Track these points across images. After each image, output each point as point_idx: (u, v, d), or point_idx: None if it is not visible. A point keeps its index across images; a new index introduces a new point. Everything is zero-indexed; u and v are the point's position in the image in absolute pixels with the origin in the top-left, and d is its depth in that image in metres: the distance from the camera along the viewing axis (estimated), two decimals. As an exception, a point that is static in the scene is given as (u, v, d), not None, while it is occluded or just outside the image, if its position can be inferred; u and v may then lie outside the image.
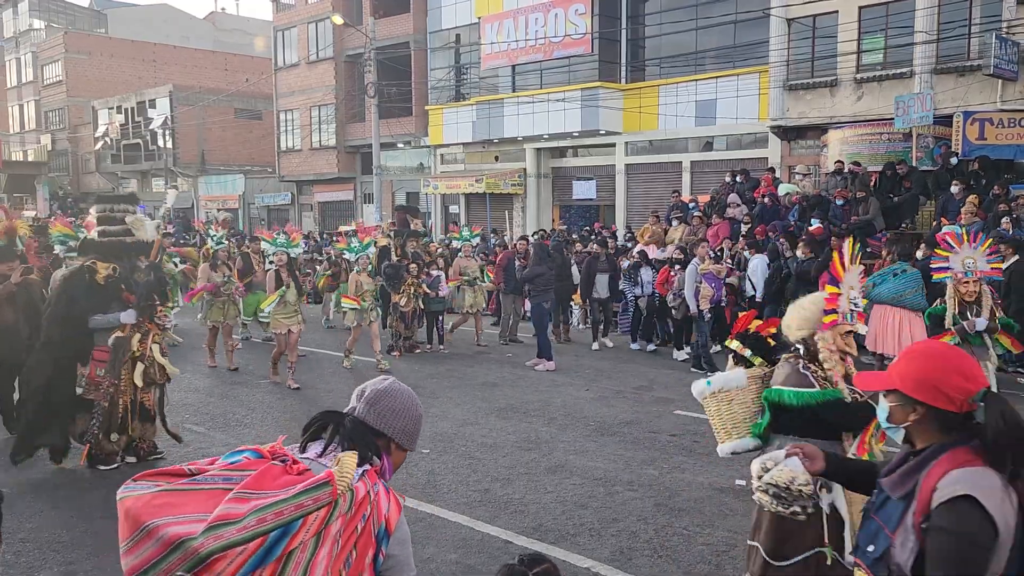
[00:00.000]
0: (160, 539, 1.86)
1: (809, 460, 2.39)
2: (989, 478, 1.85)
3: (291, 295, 10.02)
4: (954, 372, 1.96)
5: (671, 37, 21.40)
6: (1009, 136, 14.77)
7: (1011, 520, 1.82)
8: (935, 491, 1.86)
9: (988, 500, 1.80)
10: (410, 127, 28.17)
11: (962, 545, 1.79)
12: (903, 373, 2.02)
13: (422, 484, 6.38)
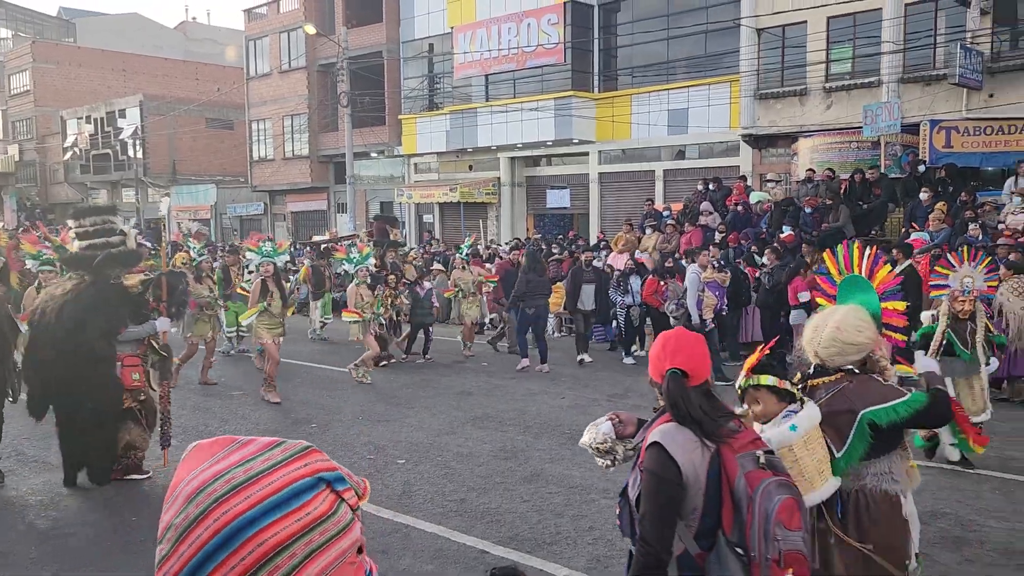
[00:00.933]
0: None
1: (623, 424, 2.78)
2: (681, 433, 2.34)
3: (276, 306, 9.83)
4: (667, 352, 2.45)
5: (643, 47, 21.57)
6: (975, 144, 15.05)
7: (700, 468, 2.27)
8: (647, 441, 2.39)
9: (672, 447, 2.29)
10: (383, 136, 28.09)
11: (652, 479, 2.31)
12: (653, 355, 2.52)
13: (397, 494, 6.33)
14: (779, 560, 2.19)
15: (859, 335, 3.22)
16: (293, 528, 1.51)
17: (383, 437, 8.09)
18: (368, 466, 7.03)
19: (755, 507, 2.21)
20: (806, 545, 2.25)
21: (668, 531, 2.29)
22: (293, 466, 2.24)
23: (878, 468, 3.22)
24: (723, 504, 2.27)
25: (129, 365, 6.71)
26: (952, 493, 6.16)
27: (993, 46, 15.64)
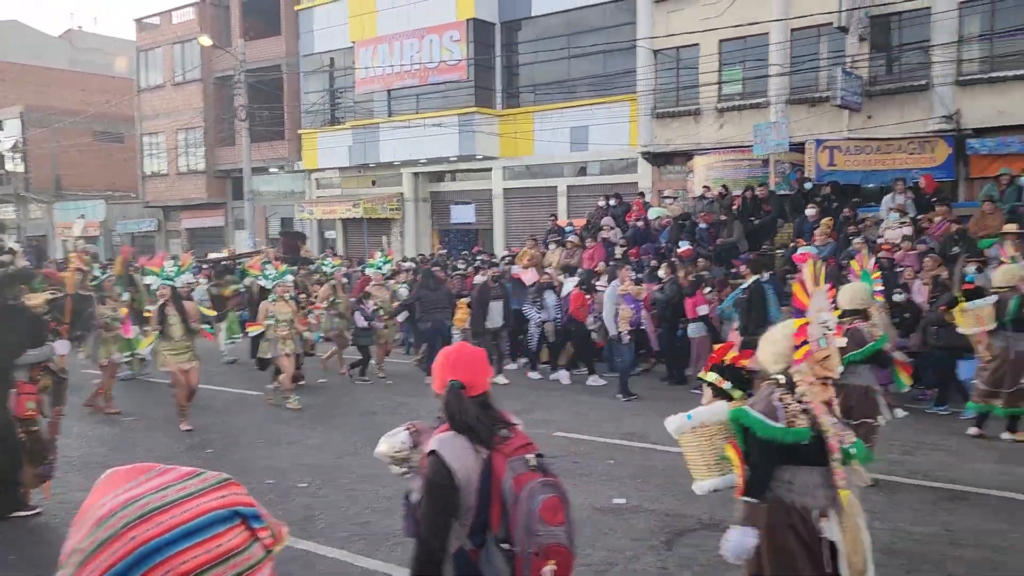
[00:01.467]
0: None
1: (419, 433, 2.88)
2: (457, 440, 2.52)
3: (176, 330, 9.29)
4: (448, 364, 2.66)
5: (544, 65, 21.91)
6: (856, 162, 15.92)
7: (473, 472, 2.47)
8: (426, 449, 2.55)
9: (447, 454, 2.47)
10: (283, 151, 27.47)
11: (429, 484, 2.50)
12: (436, 366, 2.69)
13: (299, 519, 6.12)
14: (539, 553, 2.38)
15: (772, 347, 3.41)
16: (203, 558, 1.45)
17: (284, 460, 7.84)
18: (268, 491, 6.79)
19: (520, 506, 2.41)
20: (568, 539, 2.43)
21: (443, 531, 2.49)
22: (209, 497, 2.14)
23: (779, 476, 3.30)
24: (492, 504, 2.47)
25: (24, 393, 6.24)
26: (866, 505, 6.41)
27: (871, 71, 16.63)
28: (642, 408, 10.10)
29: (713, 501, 6.27)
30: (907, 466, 7.22)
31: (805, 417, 3.24)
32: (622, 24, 20.28)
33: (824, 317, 3.34)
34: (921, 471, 7.00)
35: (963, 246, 11.99)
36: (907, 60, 16.74)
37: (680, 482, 6.84)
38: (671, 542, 5.54)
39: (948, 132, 15.63)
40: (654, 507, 6.25)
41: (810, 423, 3.24)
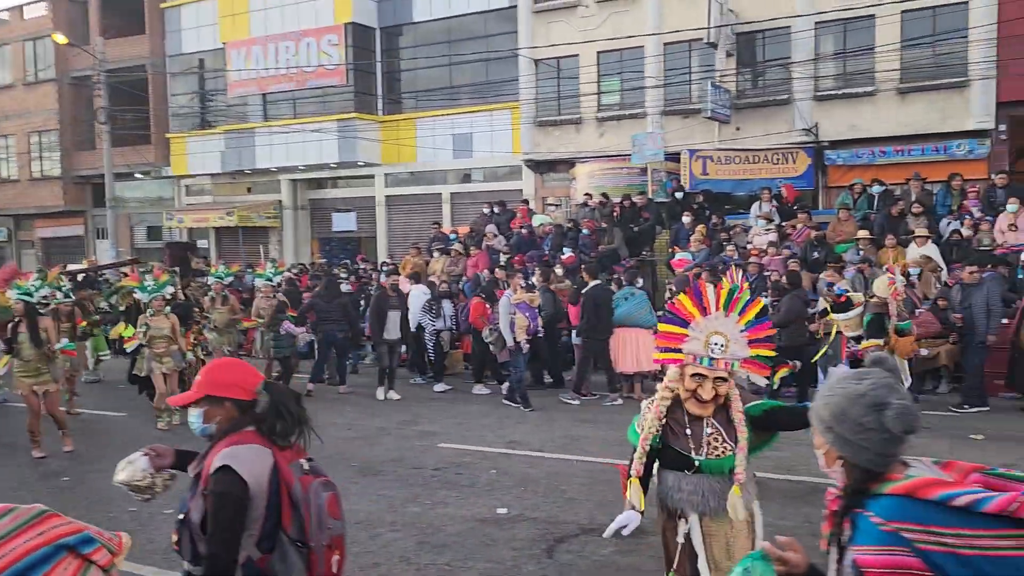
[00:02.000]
0: None
1: (160, 457, 2.85)
2: (248, 451, 2.54)
3: (26, 350, 8.59)
4: (245, 372, 2.71)
5: (426, 71, 21.76)
6: (726, 172, 16.62)
7: (263, 480, 2.50)
8: (211, 466, 2.52)
9: (240, 467, 2.48)
10: (149, 156, 26.06)
11: (222, 499, 2.47)
12: (211, 382, 2.66)
13: (163, 548, 5.72)
14: (330, 545, 2.60)
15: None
16: None
17: (148, 485, 7.33)
18: (130, 520, 6.31)
19: (311, 504, 2.58)
20: (344, 530, 2.70)
21: (236, 544, 2.52)
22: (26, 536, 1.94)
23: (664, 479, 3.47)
24: (283, 506, 2.57)
25: None
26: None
27: (738, 85, 17.42)
28: (524, 416, 10.10)
29: (593, 507, 6.33)
30: (773, 461, 7.51)
31: (658, 423, 3.37)
32: (503, 33, 20.41)
33: (716, 339, 3.31)
34: (785, 466, 7.28)
35: (822, 251, 12.71)
36: (771, 76, 17.64)
37: (561, 489, 6.87)
38: (551, 550, 5.51)
39: (808, 144, 16.56)
40: (535, 515, 6.22)
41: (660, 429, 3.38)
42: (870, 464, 1.82)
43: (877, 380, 1.85)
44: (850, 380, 1.89)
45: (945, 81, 15.64)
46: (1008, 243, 11.96)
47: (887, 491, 1.76)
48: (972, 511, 1.66)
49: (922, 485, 1.73)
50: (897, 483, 1.76)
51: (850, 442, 1.83)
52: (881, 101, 16.18)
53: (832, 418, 1.86)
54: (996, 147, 15.41)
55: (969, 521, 1.66)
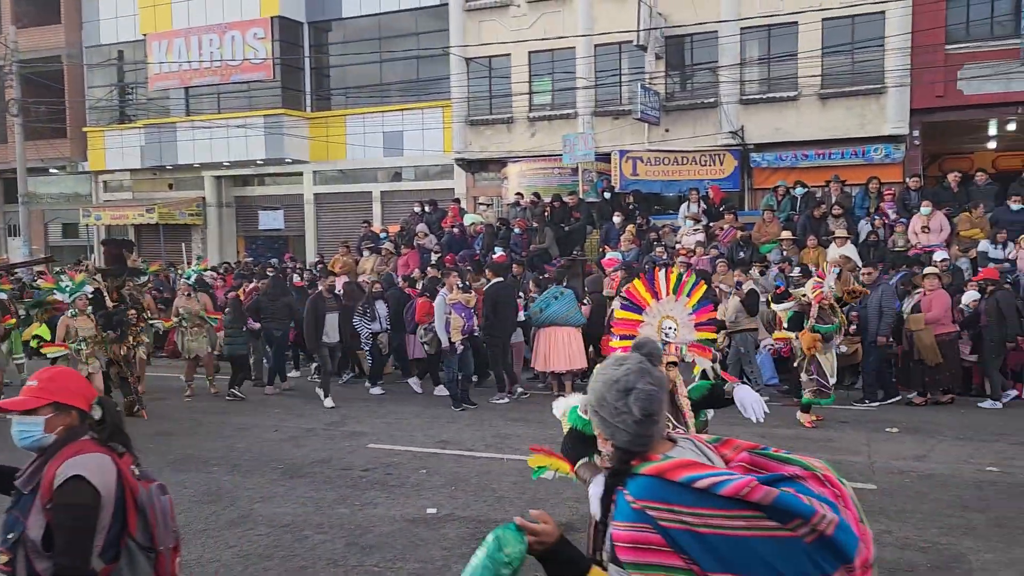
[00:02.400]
0: None
1: None
2: (95, 460, 2.52)
3: None
4: (83, 381, 2.72)
5: (356, 68, 21.45)
6: (656, 172, 16.87)
7: (112, 486, 2.50)
8: (55, 478, 2.46)
9: (92, 476, 2.46)
10: (65, 150, 24.96)
11: (74, 512, 2.43)
12: (60, 389, 2.60)
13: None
14: (176, 547, 2.69)
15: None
16: None
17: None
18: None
19: (155, 508, 2.61)
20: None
21: (90, 555, 2.48)
22: None
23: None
24: (128, 512, 2.57)
25: None
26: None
27: (667, 87, 17.70)
28: (454, 416, 10.03)
29: (524, 505, 6.30)
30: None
31: None
32: (435, 31, 20.27)
33: (668, 324, 3.34)
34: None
35: (747, 251, 13.01)
36: (699, 79, 17.98)
37: (492, 487, 6.83)
38: (484, 549, 5.46)
39: (734, 147, 16.94)
40: (465, 514, 6.16)
41: None
42: (628, 444, 1.91)
43: (631, 366, 1.96)
44: (611, 366, 1.99)
45: (863, 88, 16.21)
46: (921, 244, 12.46)
47: (641, 471, 1.86)
48: (711, 493, 1.77)
49: (671, 467, 1.83)
50: (651, 464, 1.86)
51: (610, 424, 1.92)
52: (803, 106, 16.68)
53: (595, 402, 1.96)
54: (910, 152, 16.05)
55: (708, 502, 1.76)
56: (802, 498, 1.78)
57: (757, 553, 1.75)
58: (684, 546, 1.77)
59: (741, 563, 1.75)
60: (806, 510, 1.75)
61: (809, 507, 1.76)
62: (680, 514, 1.78)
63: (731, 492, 1.76)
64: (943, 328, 10.05)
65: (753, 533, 1.76)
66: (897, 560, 5.10)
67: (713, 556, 1.76)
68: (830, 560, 1.76)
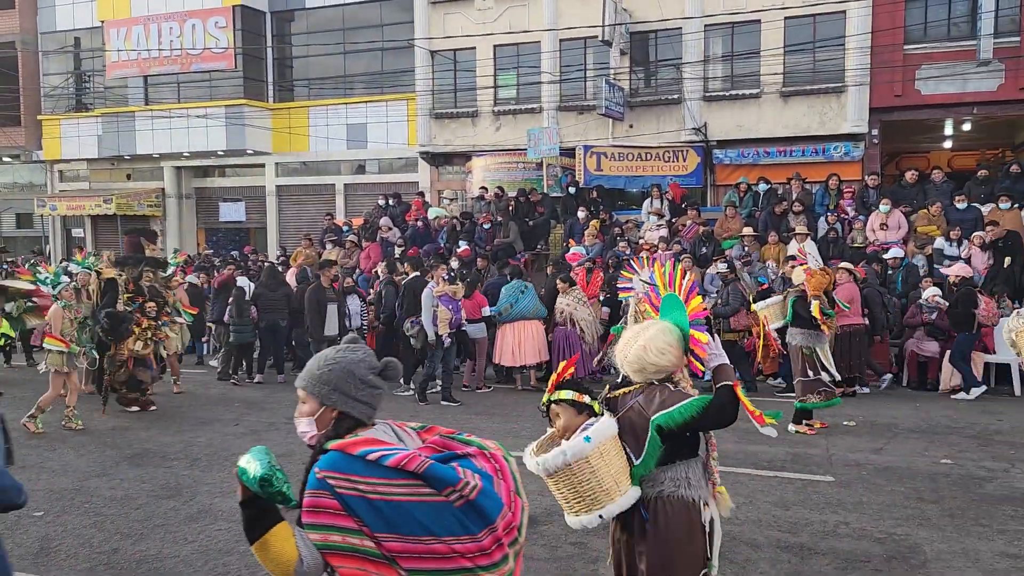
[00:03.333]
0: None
1: None
2: None
3: None
4: None
5: (320, 59, 21.22)
6: (620, 168, 16.97)
7: None
8: None
9: None
10: (19, 139, 24.36)
11: None
12: None
13: (33, 552, 5.36)
14: None
15: (661, 357, 3.15)
16: None
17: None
18: (-6, 524, 5.87)
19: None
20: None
21: None
22: None
23: (675, 474, 3.16)
24: None
25: None
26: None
27: (631, 83, 17.80)
28: (416, 410, 10.01)
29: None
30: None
31: None
32: (399, 23, 20.13)
33: None
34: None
35: (710, 247, 13.17)
36: (663, 75, 18.11)
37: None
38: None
39: (697, 143, 17.11)
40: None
41: None
42: (363, 415, 2.27)
43: (364, 349, 2.37)
44: (343, 352, 2.32)
45: (823, 86, 16.48)
46: (879, 241, 12.72)
47: (329, 447, 2.16)
48: (379, 464, 2.09)
49: (351, 443, 2.14)
50: (337, 441, 2.17)
51: (352, 398, 2.25)
52: (766, 103, 16.90)
53: (339, 380, 2.26)
54: (869, 150, 16.37)
55: (377, 472, 2.08)
56: (457, 469, 2.14)
57: (414, 516, 2.08)
58: (356, 510, 2.07)
59: (402, 524, 2.07)
60: (452, 477, 2.10)
61: (455, 475, 2.11)
62: (355, 483, 2.08)
63: (394, 463, 2.08)
64: (847, 319, 9.85)
65: (412, 498, 2.08)
66: (853, 550, 5.21)
67: (380, 518, 2.07)
68: (476, 521, 2.11)
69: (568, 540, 5.40)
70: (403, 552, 2.08)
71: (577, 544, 5.34)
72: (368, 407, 2.29)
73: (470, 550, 2.11)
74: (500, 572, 2.16)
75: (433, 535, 2.08)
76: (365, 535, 2.08)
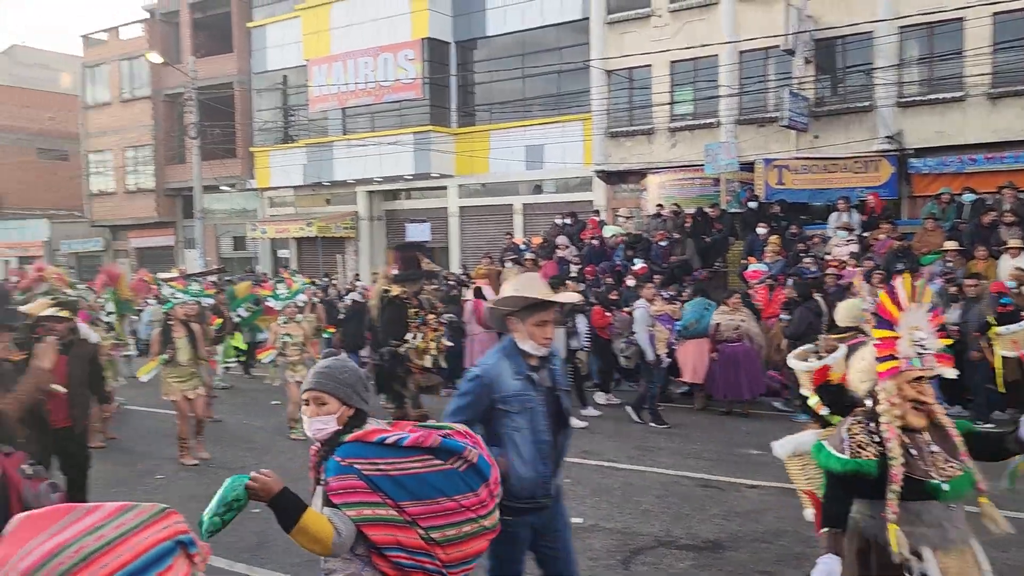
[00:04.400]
0: None
1: None
2: None
3: (184, 354, 8.58)
4: None
5: (499, 84, 22.03)
6: (804, 181, 16.29)
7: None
8: None
9: None
10: (235, 169, 27.11)
11: None
12: None
13: (252, 546, 5.98)
14: None
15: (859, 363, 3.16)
16: None
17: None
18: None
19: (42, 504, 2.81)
20: None
21: None
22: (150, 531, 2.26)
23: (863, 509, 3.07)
24: (11, 508, 2.90)
25: None
26: (793, 512, 6.49)
27: (817, 92, 17.07)
28: (597, 426, 10.11)
29: (669, 520, 6.32)
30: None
31: (873, 448, 2.93)
32: (575, 45, 20.52)
33: (919, 335, 2.97)
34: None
35: (906, 262, 12.32)
36: (851, 82, 17.22)
37: (636, 499, 6.88)
38: (628, 561, 5.54)
39: (891, 152, 16.09)
40: (610, 526, 6.25)
41: (878, 454, 2.92)
42: (369, 411, 2.72)
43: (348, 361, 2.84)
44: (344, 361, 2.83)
45: (1039, 85, 15.00)
46: (1108, 254, 11.38)
47: (346, 439, 2.61)
48: (397, 446, 2.58)
49: (367, 432, 2.61)
50: (352, 433, 2.62)
51: (363, 398, 2.71)
52: (971, 107, 15.61)
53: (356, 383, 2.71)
54: (1094, 154, 14.69)
55: (395, 453, 2.56)
56: (458, 438, 2.68)
57: (430, 483, 2.56)
58: (381, 486, 2.52)
59: (421, 491, 2.55)
60: (460, 447, 2.63)
61: (462, 445, 2.64)
62: (376, 464, 2.54)
63: (411, 443, 2.58)
64: None
65: (426, 469, 2.57)
66: None
67: (402, 489, 2.53)
68: (475, 480, 2.62)
69: (756, 568, 5.32)
70: (422, 514, 2.54)
71: (765, 574, 5.25)
72: (368, 404, 2.77)
73: (472, 504, 2.61)
74: (492, 519, 2.69)
75: (445, 495, 2.56)
76: (389, 506, 2.52)
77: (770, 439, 4.41)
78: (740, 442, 8.98)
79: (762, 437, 9.20)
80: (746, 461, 8.18)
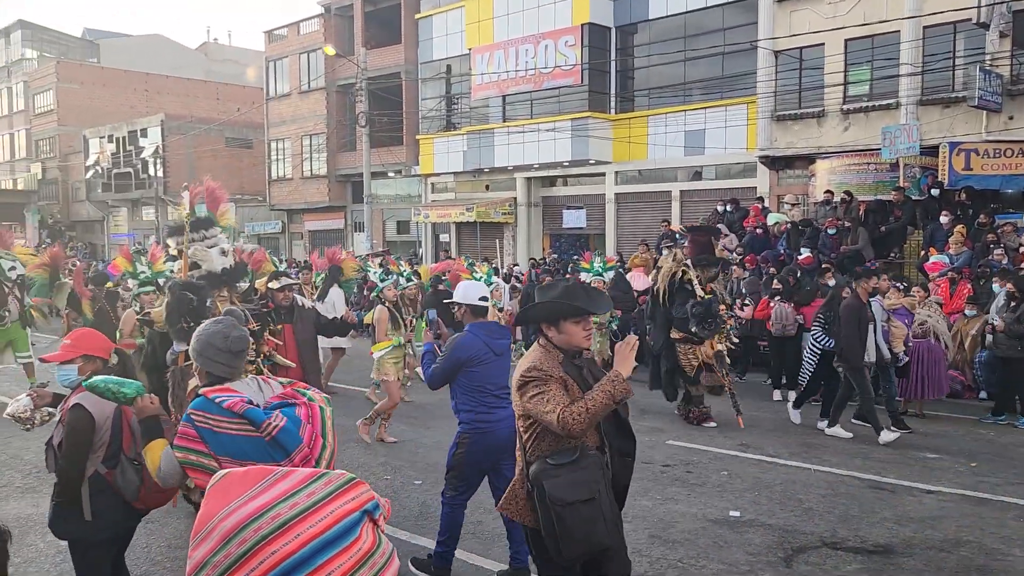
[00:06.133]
0: None
1: (40, 398, 3.84)
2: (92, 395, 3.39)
3: (399, 338, 8.58)
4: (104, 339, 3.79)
5: (660, 68, 21.65)
6: (995, 166, 14.94)
7: (108, 416, 3.50)
8: (69, 404, 3.51)
9: (90, 405, 3.44)
10: (401, 156, 28.29)
11: (73, 428, 3.43)
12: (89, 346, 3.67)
13: (415, 516, 6.30)
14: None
15: None
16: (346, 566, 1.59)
17: (399, 457, 8.07)
18: (385, 487, 7.00)
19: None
20: None
21: (79, 460, 3.44)
22: (340, 500, 2.57)
23: None
24: (123, 434, 3.57)
25: None
26: (975, 521, 6.07)
27: (1012, 69, 15.58)
28: (755, 420, 9.81)
29: (835, 520, 6.06)
30: None
31: None
32: (742, 25, 19.81)
33: None
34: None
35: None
36: (1055, 57, 15.57)
37: (798, 498, 6.64)
38: (790, 559, 5.37)
39: (1101, 134, 14.44)
40: (771, 522, 6.08)
41: None
42: (224, 373, 3.16)
43: (227, 321, 3.29)
44: (207, 325, 3.24)
45: None
46: None
47: (200, 393, 3.08)
48: (221, 406, 2.96)
49: (211, 391, 3.03)
50: (206, 388, 3.07)
51: (212, 361, 3.16)
52: None
53: (202, 349, 3.16)
54: None
55: (222, 412, 2.95)
56: (273, 414, 2.96)
57: (241, 446, 2.92)
58: (207, 439, 2.95)
59: (235, 451, 2.92)
60: (260, 419, 2.93)
61: (262, 417, 2.93)
62: (207, 419, 2.96)
63: (228, 407, 2.95)
64: None
65: (240, 432, 2.93)
66: None
67: (221, 446, 2.93)
68: (278, 452, 2.91)
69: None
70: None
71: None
72: (226, 367, 3.16)
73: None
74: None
75: (251, 460, 2.86)
76: (211, 456, 2.93)
77: (948, 443, 4.16)
78: (915, 444, 8.43)
79: (939, 440, 8.67)
80: (922, 464, 7.68)
